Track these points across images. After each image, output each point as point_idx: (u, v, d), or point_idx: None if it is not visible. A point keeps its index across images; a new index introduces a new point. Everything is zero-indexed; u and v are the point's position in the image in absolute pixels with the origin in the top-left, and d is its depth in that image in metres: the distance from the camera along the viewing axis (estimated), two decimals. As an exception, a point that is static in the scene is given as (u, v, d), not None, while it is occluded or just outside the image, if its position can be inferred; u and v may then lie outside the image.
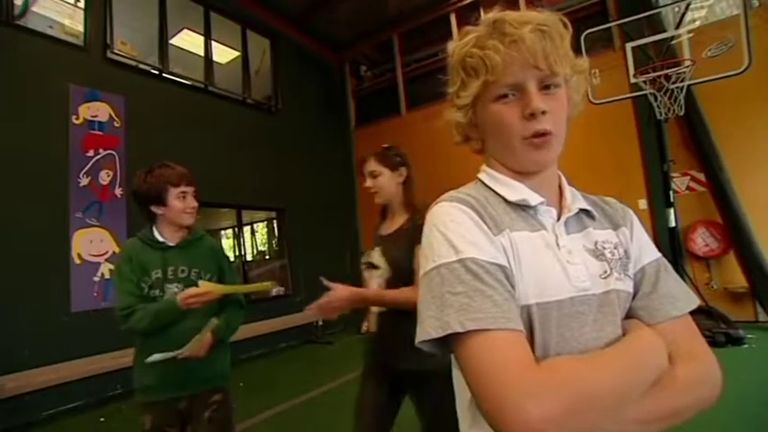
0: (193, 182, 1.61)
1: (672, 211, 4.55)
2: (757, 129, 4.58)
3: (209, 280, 1.57)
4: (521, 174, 0.63)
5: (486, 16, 0.60)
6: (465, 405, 0.62)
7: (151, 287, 1.51)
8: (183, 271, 1.55)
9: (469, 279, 0.51)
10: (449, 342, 0.52)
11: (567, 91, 0.61)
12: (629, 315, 0.60)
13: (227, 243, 8.31)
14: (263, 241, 8.03)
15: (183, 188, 1.56)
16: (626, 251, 0.63)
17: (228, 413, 1.60)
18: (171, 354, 1.40)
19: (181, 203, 1.56)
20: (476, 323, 0.49)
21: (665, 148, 4.67)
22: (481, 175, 0.67)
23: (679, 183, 4.99)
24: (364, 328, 6.73)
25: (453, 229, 0.56)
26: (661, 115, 4.43)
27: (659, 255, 0.65)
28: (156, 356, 1.40)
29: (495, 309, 0.49)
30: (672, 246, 4.56)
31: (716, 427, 2.19)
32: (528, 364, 0.47)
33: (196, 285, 1.51)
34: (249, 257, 7.16)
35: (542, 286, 0.55)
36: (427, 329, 0.52)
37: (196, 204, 1.60)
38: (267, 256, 7.49)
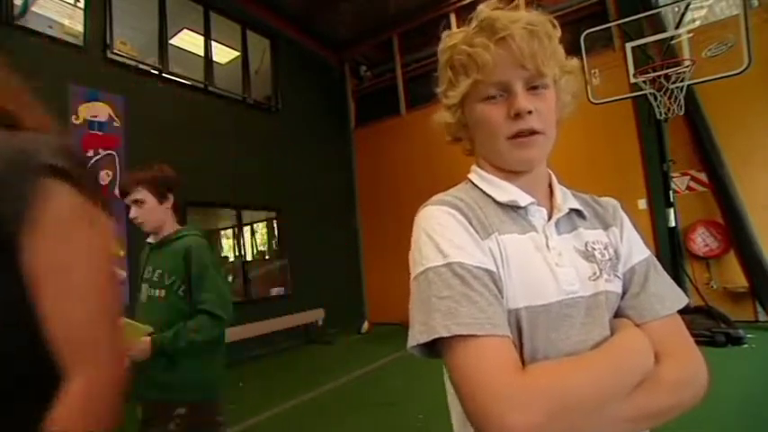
0: (131, 190, 1.51)
1: (672, 210, 4.55)
2: (757, 128, 4.57)
3: (173, 283, 1.51)
4: (510, 173, 0.62)
5: (477, 11, 0.59)
6: (458, 408, 0.62)
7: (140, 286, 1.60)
8: (149, 271, 1.56)
9: (456, 284, 0.51)
10: (437, 347, 0.51)
11: (557, 91, 0.61)
12: (618, 314, 0.60)
13: (227, 243, 8.31)
14: (263, 241, 8.03)
15: (126, 201, 1.54)
16: (616, 251, 0.63)
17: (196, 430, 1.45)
18: None
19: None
20: (461, 328, 0.49)
21: (665, 148, 4.66)
22: (471, 176, 0.67)
23: (679, 182, 4.99)
24: (364, 328, 6.75)
25: (441, 233, 0.55)
26: (661, 115, 4.43)
27: (649, 253, 0.64)
28: None
29: (480, 314, 0.49)
30: (672, 245, 4.56)
31: (716, 427, 2.18)
32: (512, 371, 0.47)
33: (158, 286, 1.52)
34: (249, 258, 7.18)
35: (531, 290, 0.55)
36: (415, 335, 0.52)
37: (134, 216, 1.52)
38: (267, 257, 7.52)
